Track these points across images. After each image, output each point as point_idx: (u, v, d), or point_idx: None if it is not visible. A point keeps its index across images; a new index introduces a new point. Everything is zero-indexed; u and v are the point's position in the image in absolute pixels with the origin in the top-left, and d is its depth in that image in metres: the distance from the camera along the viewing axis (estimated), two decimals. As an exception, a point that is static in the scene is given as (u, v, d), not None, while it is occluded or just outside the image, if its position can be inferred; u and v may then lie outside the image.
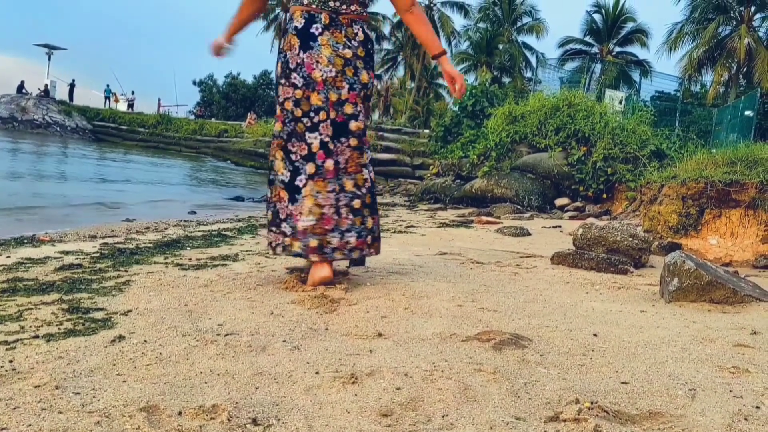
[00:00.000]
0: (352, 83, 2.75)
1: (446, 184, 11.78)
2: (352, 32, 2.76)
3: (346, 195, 2.78)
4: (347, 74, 2.74)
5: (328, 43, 2.70)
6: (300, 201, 2.78)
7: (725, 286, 2.82)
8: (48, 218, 6.35)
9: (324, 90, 2.72)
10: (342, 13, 2.74)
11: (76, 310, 2.41)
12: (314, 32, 2.70)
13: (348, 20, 2.75)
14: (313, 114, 2.74)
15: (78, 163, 15.43)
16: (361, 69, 2.78)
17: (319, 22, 2.71)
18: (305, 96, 2.74)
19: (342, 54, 2.72)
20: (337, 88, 2.73)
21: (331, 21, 2.72)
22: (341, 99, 2.74)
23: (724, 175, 4.57)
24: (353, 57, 2.75)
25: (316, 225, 2.77)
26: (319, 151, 2.75)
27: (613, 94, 16.62)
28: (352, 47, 2.75)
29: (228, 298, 2.71)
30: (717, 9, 26.58)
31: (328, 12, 2.71)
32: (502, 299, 2.87)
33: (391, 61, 51.23)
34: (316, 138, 2.74)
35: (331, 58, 2.70)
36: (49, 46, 43.16)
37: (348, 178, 2.77)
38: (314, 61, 2.70)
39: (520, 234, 5.96)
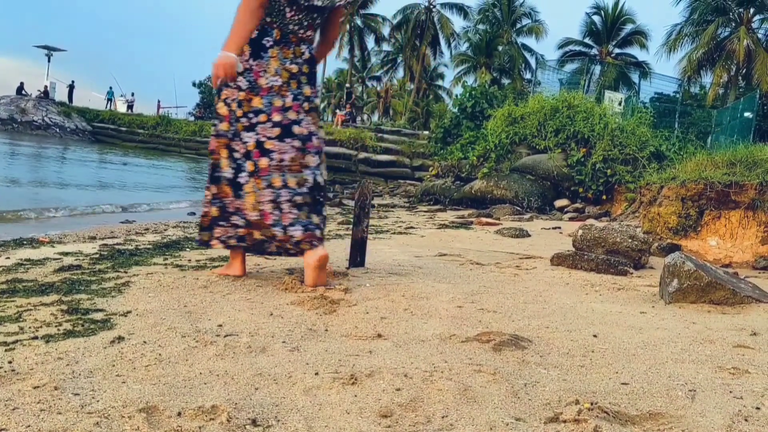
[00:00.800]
0: (296, 94, 2.99)
1: (446, 186, 11.78)
2: (299, 51, 3.02)
3: (290, 191, 2.95)
4: (291, 86, 2.99)
5: (277, 57, 2.96)
6: (243, 197, 2.98)
7: (725, 287, 2.82)
8: (48, 221, 6.35)
9: (268, 96, 2.95)
10: (294, 33, 2.99)
11: (75, 311, 2.40)
12: (265, 44, 2.96)
13: (297, 40, 3.01)
14: (252, 115, 2.95)
15: (78, 165, 15.43)
16: (304, 84, 3.02)
17: (270, 37, 2.96)
18: (247, 98, 2.95)
19: (288, 68, 2.98)
20: (281, 96, 2.96)
21: (283, 38, 2.98)
22: (285, 106, 2.96)
23: (723, 176, 4.58)
24: (298, 72, 3.01)
25: (260, 221, 2.96)
26: (254, 150, 2.94)
27: (612, 96, 16.63)
28: (297, 64, 3.01)
29: (227, 299, 2.71)
30: (716, 11, 26.59)
31: (281, 29, 2.97)
32: (501, 300, 2.86)
33: (391, 62, 51.31)
34: (251, 138, 2.94)
35: (278, 70, 2.96)
36: (49, 47, 43.12)
37: (291, 176, 2.96)
38: (262, 70, 2.95)
39: (519, 235, 5.96)
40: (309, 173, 3.00)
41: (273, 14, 2.95)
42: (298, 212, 2.95)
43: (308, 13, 2.99)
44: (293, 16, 2.97)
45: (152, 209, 8.56)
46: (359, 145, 23.70)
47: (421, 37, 43.28)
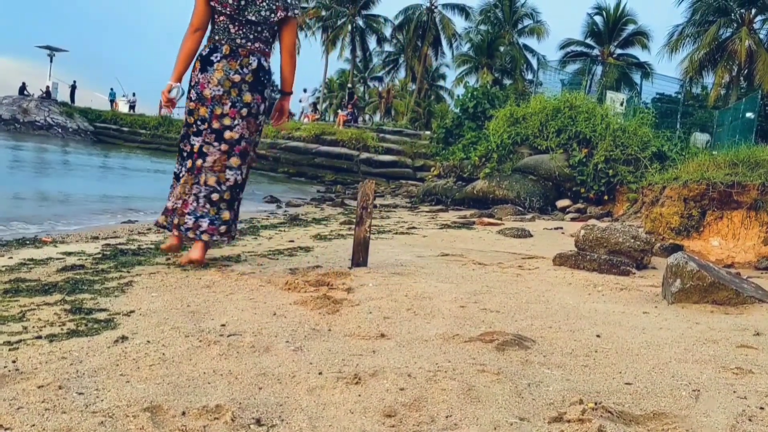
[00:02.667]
0: (234, 102, 3.33)
1: (447, 186, 11.78)
2: (247, 62, 3.35)
3: (207, 188, 3.37)
4: (232, 94, 3.33)
5: (222, 69, 3.31)
6: (176, 187, 3.46)
7: (728, 287, 2.82)
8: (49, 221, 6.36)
9: (211, 105, 3.32)
10: (243, 47, 3.34)
11: (78, 310, 2.41)
12: (213, 60, 3.33)
13: (247, 53, 3.35)
14: (199, 123, 3.36)
15: (80, 170, 15.46)
16: (245, 91, 3.35)
17: (219, 52, 3.33)
18: (196, 108, 3.36)
19: (231, 78, 3.32)
20: (222, 104, 3.32)
21: (231, 52, 3.33)
22: (223, 113, 3.33)
23: (725, 176, 4.57)
24: (240, 81, 3.33)
25: (179, 208, 3.41)
26: (196, 152, 3.37)
27: (614, 96, 16.61)
28: (241, 74, 3.33)
29: (230, 298, 2.71)
30: (718, 11, 26.53)
31: (231, 45, 3.32)
32: (504, 300, 2.86)
33: (392, 63, 51.27)
34: (197, 141, 3.37)
35: (221, 80, 3.31)
36: (51, 47, 43.14)
37: (212, 175, 3.36)
38: (206, 82, 3.32)
39: (521, 235, 5.96)
40: (231, 173, 3.40)
41: (220, 32, 3.34)
42: (210, 207, 3.38)
43: (250, 28, 3.34)
44: (237, 31, 3.33)
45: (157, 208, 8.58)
46: (361, 146, 23.70)
47: (423, 37, 43.24)
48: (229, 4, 3.27)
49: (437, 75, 53.15)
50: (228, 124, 3.33)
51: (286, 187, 16.82)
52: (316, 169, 23.28)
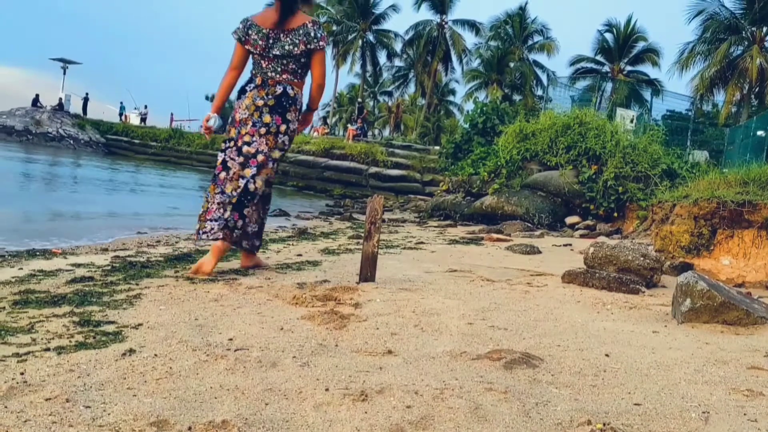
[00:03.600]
0: (255, 122, 3.81)
1: (456, 201, 11.77)
2: (273, 90, 3.82)
3: (225, 195, 3.80)
4: (254, 116, 3.81)
5: (251, 96, 3.82)
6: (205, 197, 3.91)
7: (738, 307, 2.79)
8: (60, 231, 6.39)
9: (239, 127, 3.83)
10: (272, 78, 3.82)
11: (87, 322, 2.41)
12: (247, 89, 3.86)
13: (275, 82, 3.82)
14: (228, 141, 3.86)
15: (90, 184, 15.56)
16: (265, 113, 3.80)
17: (253, 83, 3.85)
18: (229, 130, 3.89)
19: (256, 103, 3.81)
20: (246, 125, 3.82)
21: (262, 82, 3.83)
22: (247, 132, 3.81)
23: (736, 195, 4.54)
24: (263, 105, 3.80)
25: (201, 214, 3.82)
26: (218, 165, 3.85)
27: (624, 113, 16.58)
28: (265, 99, 3.81)
29: (238, 312, 2.71)
30: (729, 29, 26.51)
31: (262, 77, 3.83)
32: (512, 317, 2.85)
33: (402, 78, 51.47)
34: (221, 157, 3.86)
35: (248, 105, 3.82)
36: (65, 60, 43.61)
37: (229, 184, 3.81)
38: (238, 107, 3.86)
39: (530, 252, 5.94)
40: (242, 181, 3.81)
41: (255, 67, 3.87)
42: (222, 212, 3.79)
43: (277, 62, 3.81)
44: (267, 65, 3.82)
45: (165, 221, 8.61)
46: (370, 160, 23.75)
47: (433, 53, 43.42)
48: (258, 45, 3.77)
49: (447, 90, 53.31)
50: (247, 141, 3.80)
51: (294, 200, 16.86)
52: (325, 182, 23.33)
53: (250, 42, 3.77)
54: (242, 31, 3.79)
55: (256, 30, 3.76)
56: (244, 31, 3.79)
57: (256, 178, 3.81)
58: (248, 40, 3.77)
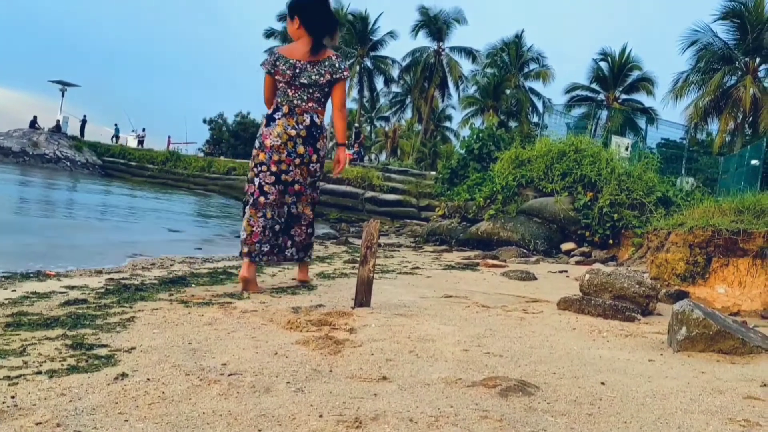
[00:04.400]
0: (289, 152, 4.10)
1: (452, 226, 11.78)
2: (302, 119, 4.11)
3: (272, 221, 4.14)
4: (288, 146, 4.09)
5: (281, 124, 4.09)
6: (242, 221, 4.21)
7: (734, 336, 2.79)
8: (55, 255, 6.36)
9: (269, 152, 4.09)
10: (298, 106, 4.11)
11: (79, 346, 2.39)
12: (275, 117, 4.12)
13: (302, 111, 4.12)
14: (259, 166, 4.12)
15: (83, 209, 15.54)
16: (299, 144, 4.11)
17: (280, 111, 4.12)
18: (257, 155, 4.14)
19: (288, 132, 4.08)
20: (279, 152, 4.09)
21: (290, 111, 4.11)
22: (281, 160, 4.09)
23: (731, 223, 4.56)
24: (296, 136, 4.09)
25: (247, 238, 4.12)
26: (256, 190, 4.12)
27: (619, 141, 16.70)
28: (297, 129, 4.10)
29: (232, 337, 2.70)
30: (722, 59, 26.86)
31: (289, 105, 4.10)
32: (508, 344, 2.84)
33: (399, 103, 51.86)
34: (256, 181, 4.12)
35: (280, 134, 4.08)
36: (63, 82, 43.89)
37: (270, 210, 4.12)
38: (269, 134, 4.10)
39: (526, 278, 5.93)
40: (285, 208, 4.21)
41: (281, 96, 4.13)
42: (272, 235, 4.16)
43: (304, 90, 4.10)
44: (293, 93, 4.10)
45: (161, 243, 8.58)
46: (366, 184, 23.82)
47: (430, 79, 43.83)
48: (287, 74, 4.06)
49: (443, 116, 53.71)
50: (284, 169, 4.11)
51: (290, 224, 16.84)
52: (321, 206, 23.34)
53: (278, 72, 4.08)
54: (270, 63, 4.10)
55: (283, 61, 4.08)
56: (272, 63, 4.10)
57: (297, 204, 4.24)
58: (277, 70, 4.08)
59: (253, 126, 47.66)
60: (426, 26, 43.27)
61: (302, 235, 4.37)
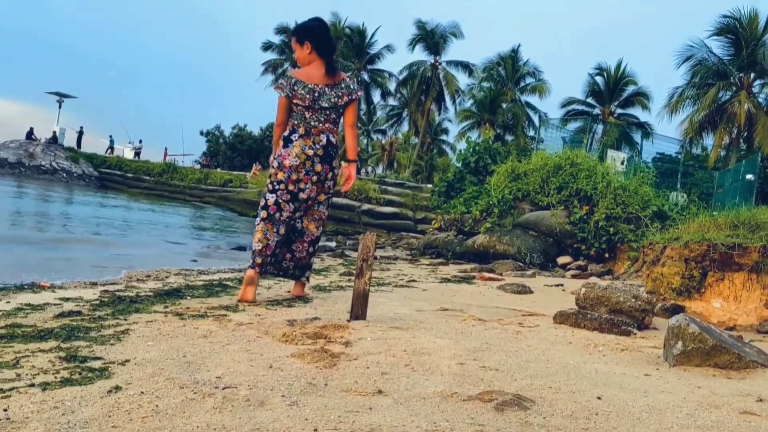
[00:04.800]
0: (307, 171, 4.23)
1: (448, 239, 11.78)
2: (318, 140, 4.24)
3: (281, 236, 4.28)
4: (306, 165, 4.22)
5: (299, 145, 4.21)
6: (254, 233, 4.33)
7: (730, 350, 2.79)
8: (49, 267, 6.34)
9: (288, 172, 4.21)
10: (315, 127, 4.22)
11: (73, 358, 2.38)
12: (292, 138, 4.24)
13: (318, 132, 4.24)
14: (277, 184, 4.25)
15: (78, 221, 15.51)
16: (316, 163, 4.24)
17: (297, 133, 4.23)
18: (276, 173, 4.26)
19: (306, 152, 4.21)
20: (297, 171, 4.21)
21: (306, 132, 4.22)
22: (299, 179, 4.23)
23: (726, 238, 4.57)
24: (313, 155, 4.22)
25: (262, 250, 4.23)
26: (272, 206, 4.26)
27: (615, 155, 16.77)
28: (314, 149, 4.22)
29: (227, 349, 2.68)
30: (717, 75, 27.01)
31: (305, 126, 4.22)
32: (504, 358, 2.83)
33: (396, 116, 51.97)
34: (272, 198, 4.26)
35: (298, 154, 4.20)
36: (60, 94, 43.95)
37: (283, 226, 4.29)
38: (287, 155, 4.22)
39: (522, 291, 5.93)
40: (297, 223, 4.36)
41: (298, 118, 4.23)
42: (280, 250, 4.32)
43: (321, 112, 4.22)
44: (311, 116, 4.22)
45: (156, 255, 8.56)
46: (363, 197, 23.82)
47: (427, 92, 43.99)
48: (306, 98, 4.17)
49: (440, 129, 53.84)
50: (302, 188, 4.25)
51: (287, 236, 16.82)
52: (318, 219, 23.31)
53: (297, 96, 4.18)
54: (288, 87, 4.19)
55: (302, 86, 4.18)
56: (290, 87, 4.19)
57: (303, 219, 4.38)
58: (296, 95, 4.18)
59: (249, 138, 47.72)
60: (423, 40, 43.48)
61: (303, 252, 4.42)
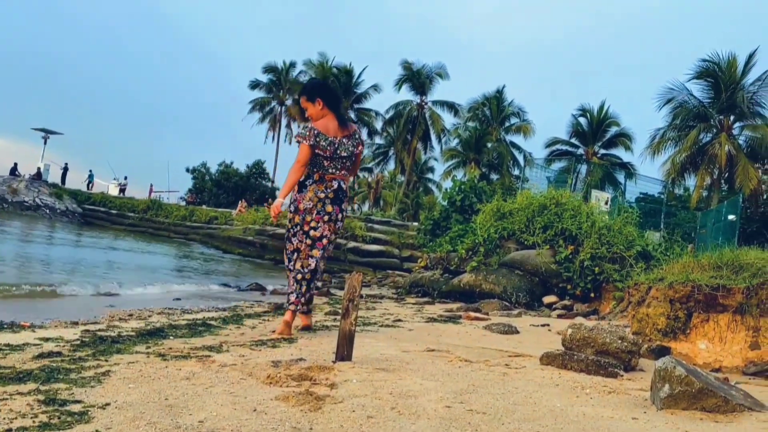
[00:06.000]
0: (319, 211, 4.64)
1: (434, 278, 11.76)
2: (330, 185, 4.66)
3: (299, 271, 4.70)
4: (318, 207, 4.64)
5: (312, 190, 4.63)
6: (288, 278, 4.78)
7: (717, 394, 2.78)
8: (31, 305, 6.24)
9: (303, 215, 4.65)
10: (331, 174, 4.65)
11: (52, 401, 2.33)
12: (307, 183, 4.65)
13: (331, 178, 4.66)
14: (296, 228, 4.70)
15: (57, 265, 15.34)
16: (327, 204, 4.65)
17: (311, 179, 4.65)
18: (293, 217, 4.70)
19: (318, 196, 4.63)
20: (311, 213, 4.64)
21: (320, 178, 4.64)
22: (312, 219, 4.63)
23: (710, 279, 4.60)
24: (324, 198, 4.64)
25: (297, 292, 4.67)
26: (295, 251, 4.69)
27: (599, 195, 16.95)
28: (325, 192, 4.64)
29: (210, 392, 2.64)
30: (698, 117, 27.50)
31: (321, 173, 4.63)
32: (491, 401, 2.80)
33: (382, 155, 52.35)
34: (294, 241, 4.71)
35: (311, 198, 4.62)
36: (46, 130, 43.86)
37: (298, 262, 4.70)
38: (302, 199, 4.65)
39: (508, 331, 5.91)
40: (312, 261, 4.71)
41: (316, 166, 4.63)
42: (297, 285, 4.69)
43: (338, 161, 4.64)
44: (329, 164, 4.63)
45: (139, 293, 8.46)
46: (349, 234, 23.79)
47: (413, 131, 44.43)
48: (328, 150, 4.58)
49: (426, 168, 54.27)
50: (313, 226, 4.64)
51: (271, 274, 16.73)
52: (303, 257, 23.21)
53: (320, 147, 4.57)
54: (313, 139, 4.55)
55: (323, 138, 4.57)
56: (314, 139, 4.55)
57: (319, 261, 4.74)
58: (318, 145, 4.56)
59: (236, 175, 47.70)
60: (409, 80, 44.08)
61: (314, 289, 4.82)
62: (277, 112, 52.98)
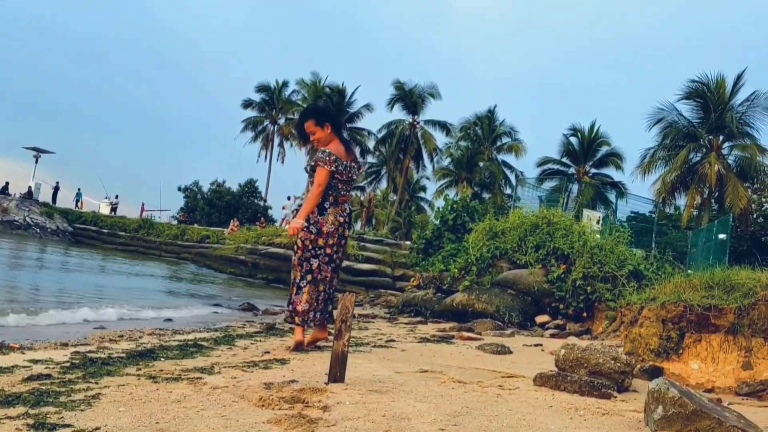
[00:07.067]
0: (339, 236, 4.95)
1: (427, 297, 11.73)
2: (344, 208, 4.96)
3: (321, 293, 4.96)
4: (339, 231, 4.93)
5: (333, 213, 4.88)
6: (300, 294, 4.95)
7: (710, 415, 2.77)
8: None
9: (326, 238, 4.89)
10: (343, 196, 4.94)
11: (42, 425, 2.30)
12: (326, 206, 4.88)
13: (342, 201, 4.94)
14: (317, 249, 4.90)
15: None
16: (346, 228, 5.00)
17: (328, 201, 4.88)
18: (315, 239, 4.89)
19: (338, 220, 4.92)
20: (333, 237, 4.90)
21: (335, 200, 4.89)
22: (334, 243, 4.91)
23: (702, 299, 4.61)
24: (344, 222, 4.96)
25: (307, 310, 4.90)
26: (316, 270, 4.92)
27: (590, 214, 17.01)
28: (343, 216, 4.95)
29: (201, 415, 2.61)
30: (687, 137, 27.74)
31: (335, 195, 4.88)
32: (485, 423, 2.79)
33: (375, 174, 52.41)
34: (315, 262, 4.92)
35: (333, 222, 4.89)
36: (38, 149, 43.72)
37: (323, 284, 4.97)
38: (324, 222, 4.88)
39: (501, 352, 5.89)
40: (335, 282, 5.07)
41: (332, 189, 4.86)
42: (325, 306, 4.98)
43: (348, 183, 4.96)
44: (342, 187, 4.91)
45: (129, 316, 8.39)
46: (341, 254, 23.70)
47: (405, 150, 44.58)
48: (345, 174, 4.87)
49: (418, 187, 54.33)
50: (336, 251, 4.95)
51: (263, 293, 16.66)
52: (294, 276, 23.10)
53: (339, 172, 4.83)
54: (334, 165, 4.77)
55: (340, 163, 4.83)
56: (335, 165, 4.78)
57: (335, 279, 5.10)
58: (338, 170, 4.81)
59: (228, 194, 47.64)
60: (401, 100, 44.30)
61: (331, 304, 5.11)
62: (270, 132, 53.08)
